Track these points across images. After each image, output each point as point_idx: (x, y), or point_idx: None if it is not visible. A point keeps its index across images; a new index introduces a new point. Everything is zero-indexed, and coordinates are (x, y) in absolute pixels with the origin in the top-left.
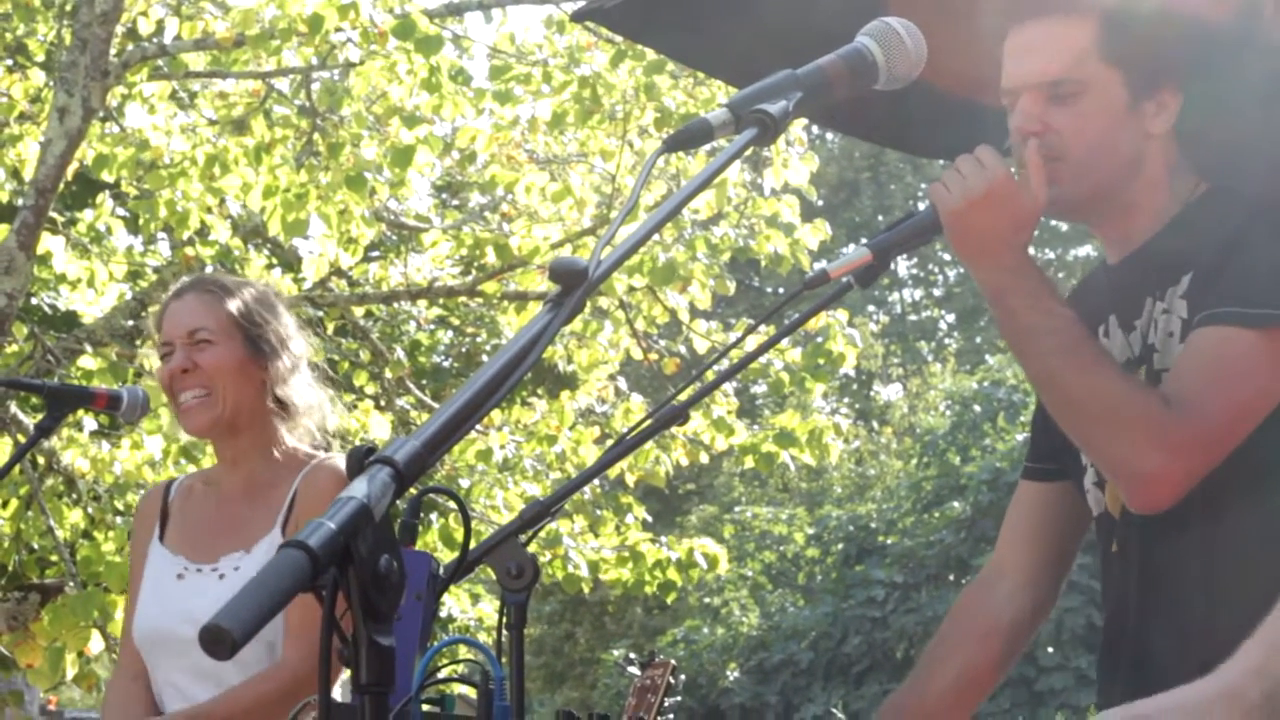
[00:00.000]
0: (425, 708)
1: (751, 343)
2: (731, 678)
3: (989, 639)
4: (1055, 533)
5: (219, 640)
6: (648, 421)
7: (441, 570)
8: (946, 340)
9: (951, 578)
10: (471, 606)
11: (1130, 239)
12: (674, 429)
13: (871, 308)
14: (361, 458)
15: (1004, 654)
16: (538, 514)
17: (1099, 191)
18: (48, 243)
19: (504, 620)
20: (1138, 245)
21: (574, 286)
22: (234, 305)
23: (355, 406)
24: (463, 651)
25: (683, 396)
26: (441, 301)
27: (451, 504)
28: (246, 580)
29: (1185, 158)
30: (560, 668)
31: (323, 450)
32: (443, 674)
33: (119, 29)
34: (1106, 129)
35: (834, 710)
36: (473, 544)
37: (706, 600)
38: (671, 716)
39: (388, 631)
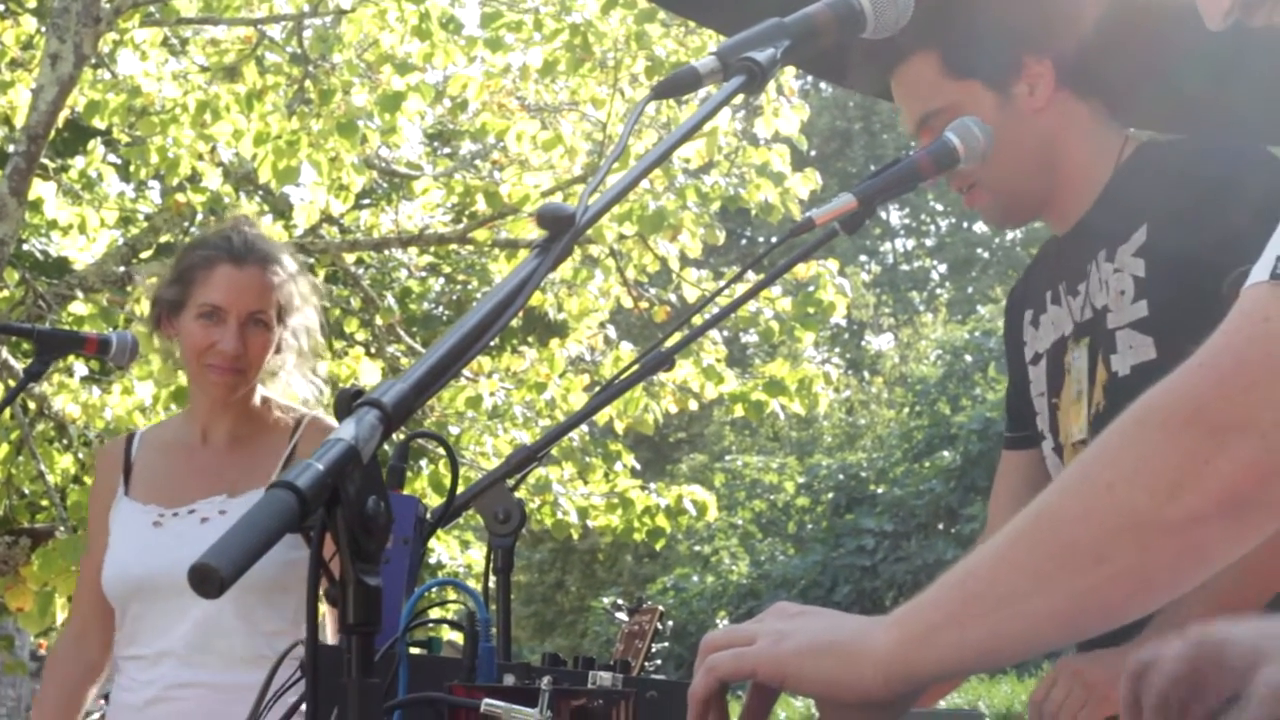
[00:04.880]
0: (411, 650)
1: (739, 290)
2: (721, 626)
3: None
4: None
5: (207, 579)
6: (635, 367)
7: (429, 515)
8: (938, 290)
9: (941, 526)
10: (461, 553)
11: (1071, 211)
12: (663, 376)
13: (863, 257)
14: (349, 400)
15: None
16: (525, 459)
17: (1024, 188)
18: (39, 189)
19: (490, 564)
20: (1080, 214)
21: (561, 232)
22: (287, 290)
23: (346, 353)
24: (450, 595)
25: (670, 343)
26: (432, 249)
27: (441, 450)
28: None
29: (1101, 112)
30: (550, 616)
31: (299, 405)
32: (439, 615)
33: None
34: (994, 135)
35: None
36: (461, 489)
37: (697, 548)
38: (659, 662)
39: (375, 572)
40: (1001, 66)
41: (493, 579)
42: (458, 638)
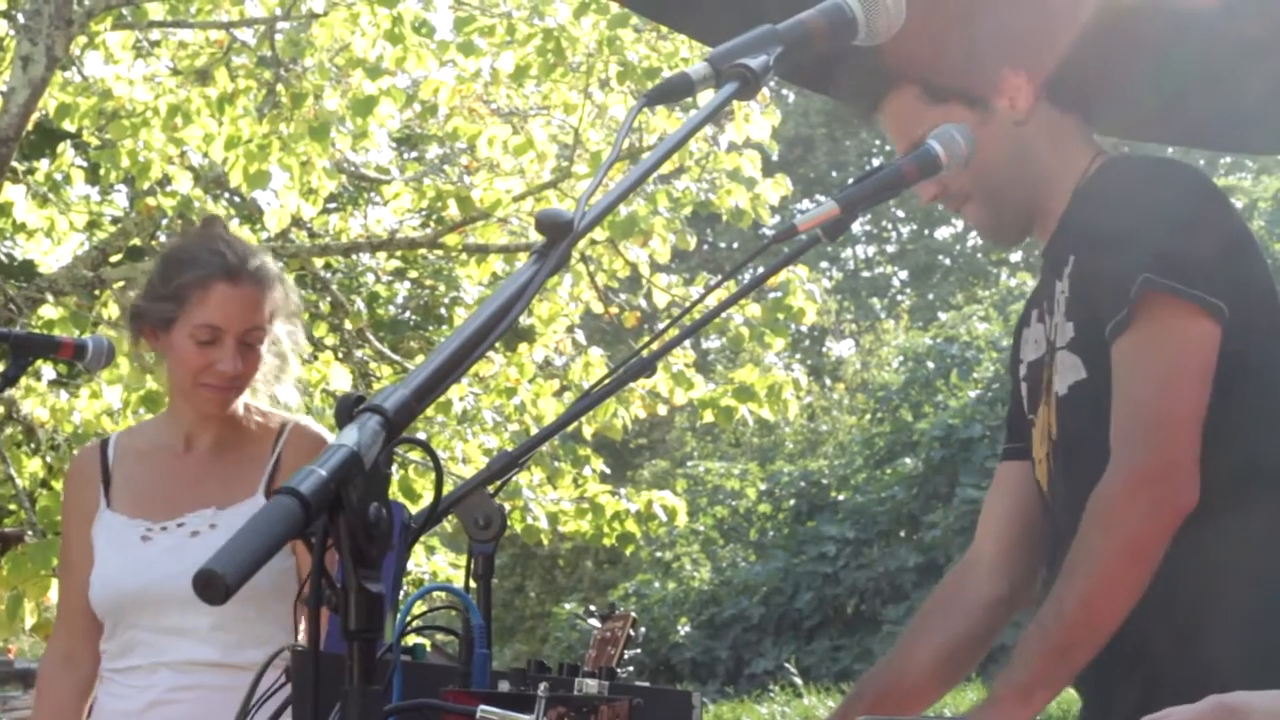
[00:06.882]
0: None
1: (713, 297)
2: (682, 632)
3: (968, 618)
4: (1030, 510)
5: (212, 585)
6: (616, 374)
7: (411, 521)
8: (899, 297)
9: (903, 534)
10: (426, 560)
11: (1048, 228)
12: (633, 382)
13: (825, 264)
14: (351, 406)
15: (983, 632)
16: (506, 465)
17: (1013, 201)
18: (9, 191)
19: (470, 570)
20: (1052, 230)
21: (559, 237)
22: (277, 298)
23: (315, 358)
24: (440, 600)
25: (648, 350)
26: (400, 254)
27: (411, 455)
28: (223, 538)
29: (1078, 127)
30: (510, 621)
31: (282, 410)
32: (420, 622)
33: None
34: (979, 152)
35: (787, 665)
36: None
37: (658, 555)
38: (631, 669)
39: (376, 578)
40: (978, 84)
41: (473, 584)
42: (427, 644)
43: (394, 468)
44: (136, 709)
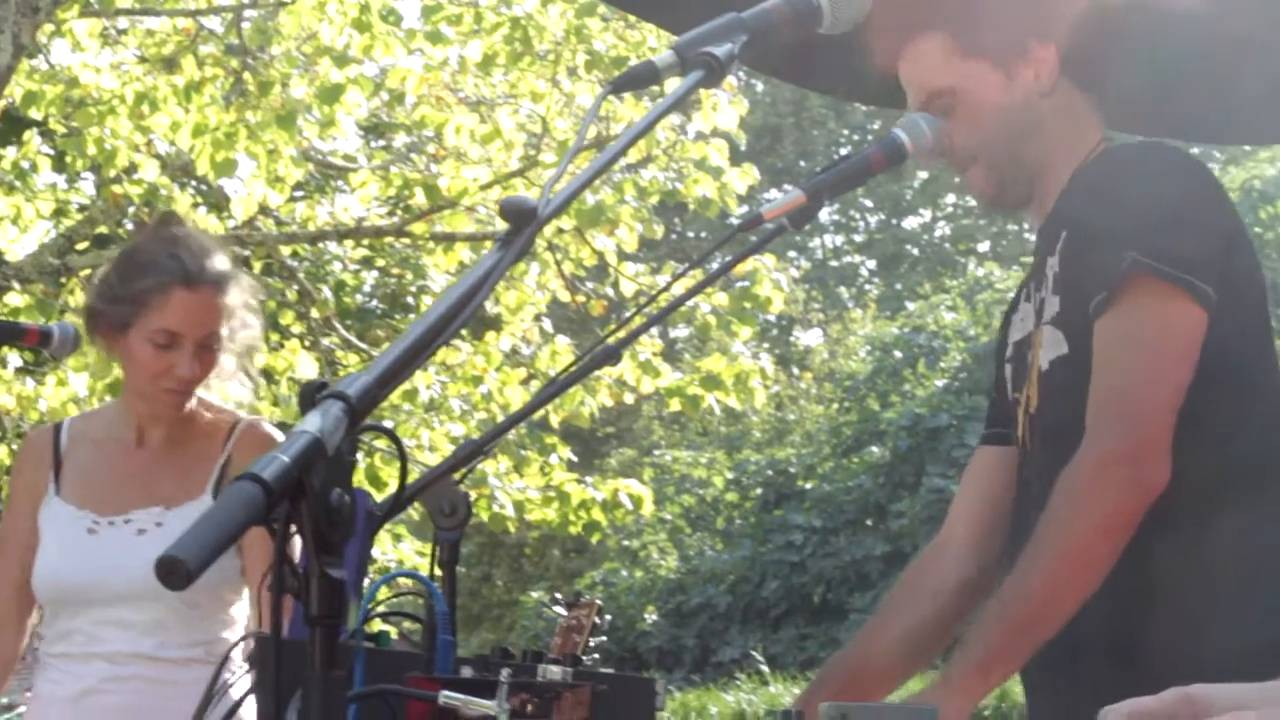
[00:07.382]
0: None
1: (680, 286)
2: (649, 621)
3: (935, 601)
4: (1005, 496)
5: (174, 571)
6: (582, 361)
7: (376, 508)
8: (867, 286)
9: (870, 523)
10: (393, 548)
11: (1045, 204)
12: (600, 370)
13: (792, 253)
14: (314, 392)
15: (951, 616)
16: (472, 453)
17: (1019, 172)
18: None
19: (436, 558)
20: (1049, 209)
21: (524, 225)
22: (234, 306)
23: (282, 345)
24: (405, 587)
25: (614, 339)
26: (367, 242)
27: (377, 443)
28: (168, 537)
29: (1094, 108)
30: (477, 610)
31: (234, 406)
32: (385, 609)
33: None
34: (996, 114)
35: (753, 653)
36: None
37: (625, 543)
38: (597, 656)
39: (339, 564)
40: (1009, 48)
41: (438, 572)
42: (393, 631)
43: (360, 456)
44: (70, 696)
